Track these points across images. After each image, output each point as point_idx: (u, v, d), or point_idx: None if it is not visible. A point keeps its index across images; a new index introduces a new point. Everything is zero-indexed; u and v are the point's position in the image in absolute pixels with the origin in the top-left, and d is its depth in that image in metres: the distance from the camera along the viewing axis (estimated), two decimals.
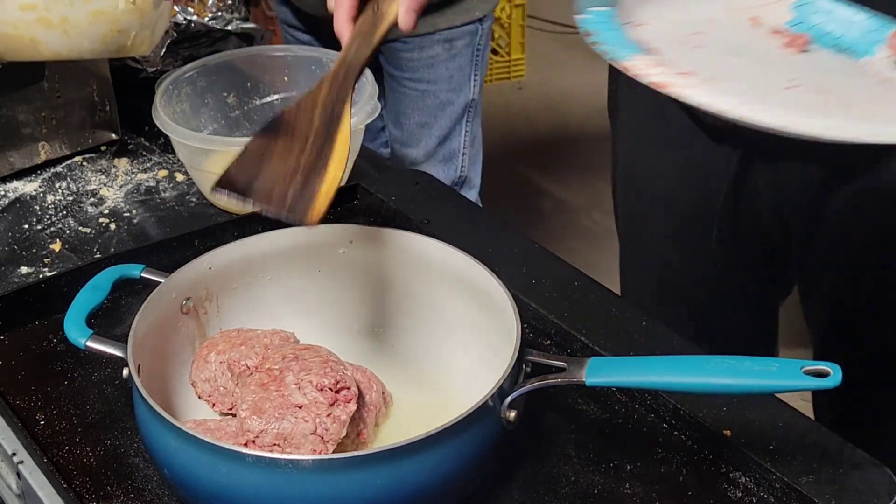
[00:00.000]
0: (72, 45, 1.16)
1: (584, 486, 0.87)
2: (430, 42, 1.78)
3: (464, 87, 1.84)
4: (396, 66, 1.82)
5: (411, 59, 1.79)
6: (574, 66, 3.87)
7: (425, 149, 1.87)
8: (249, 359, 0.91)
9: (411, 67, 1.81)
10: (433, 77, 1.81)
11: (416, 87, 1.82)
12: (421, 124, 1.85)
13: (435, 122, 1.85)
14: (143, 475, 0.88)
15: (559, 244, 2.89)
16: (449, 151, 1.88)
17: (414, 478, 0.76)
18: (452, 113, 1.85)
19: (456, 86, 1.83)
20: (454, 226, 1.17)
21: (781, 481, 0.85)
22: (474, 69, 1.84)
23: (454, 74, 1.82)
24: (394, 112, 1.87)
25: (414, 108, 1.84)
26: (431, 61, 1.79)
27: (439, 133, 1.86)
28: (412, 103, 1.84)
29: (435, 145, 1.87)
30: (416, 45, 1.78)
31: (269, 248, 0.99)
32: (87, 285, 0.93)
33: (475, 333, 0.95)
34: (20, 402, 0.95)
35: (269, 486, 0.75)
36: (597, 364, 0.82)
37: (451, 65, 1.81)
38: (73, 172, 1.39)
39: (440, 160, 1.88)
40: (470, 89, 1.85)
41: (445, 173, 1.89)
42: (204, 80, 1.38)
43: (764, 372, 0.76)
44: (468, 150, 1.90)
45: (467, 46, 1.81)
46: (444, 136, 1.86)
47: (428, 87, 1.82)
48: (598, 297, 1.07)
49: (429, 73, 1.81)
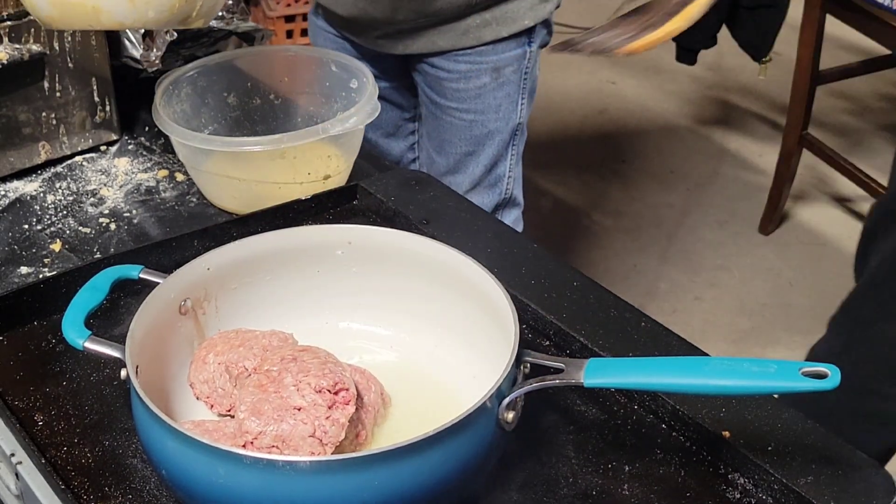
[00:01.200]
0: (137, 15, 1.07)
1: (583, 487, 0.87)
2: (476, 72, 1.66)
3: (512, 114, 1.73)
4: (441, 95, 1.70)
5: (457, 90, 1.68)
6: (573, 66, 3.87)
7: (471, 177, 1.76)
8: (248, 360, 0.91)
9: (458, 98, 1.69)
10: (481, 108, 1.69)
11: (464, 117, 1.70)
12: (467, 153, 1.74)
13: (482, 151, 1.74)
14: (141, 476, 0.88)
15: (559, 244, 2.89)
16: (495, 177, 1.78)
17: (412, 479, 0.76)
18: (501, 141, 1.74)
19: (504, 114, 1.72)
20: (453, 226, 1.17)
21: (780, 482, 0.85)
22: (522, 93, 1.73)
23: (502, 103, 1.70)
24: (437, 140, 1.75)
25: (460, 137, 1.73)
26: (479, 91, 1.68)
27: (486, 161, 1.75)
28: (458, 133, 1.72)
29: (482, 173, 1.76)
30: (463, 75, 1.66)
31: (267, 249, 0.99)
32: (86, 286, 0.93)
33: (474, 334, 0.95)
34: (19, 402, 0.95)
35: (267, 487, 0.75)
36: (595, 365, 0.82)
37: (498, 93, 1.69)
38: (73, 172, 1.39)
39: (486, 186, 1.78)
40: (518, 114, 1.74)
41: (491, 198, 1.79)
42: (204, 80, 1.38)
43: (762, 373, 0.76)
44: (514, 171, 1.80)
45: (515, 73, 1.69)
46: (492, 164, 1.76)
47: (475, 118, 1.70)
48: (598, 297, 1.07)
49: (476, 103, 1.69)
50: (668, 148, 3.39)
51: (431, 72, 1.68)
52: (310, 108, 1.41)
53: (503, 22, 1.63)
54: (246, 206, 1.26)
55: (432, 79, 1.69)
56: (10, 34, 1.28)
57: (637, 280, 2.80)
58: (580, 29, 1.16)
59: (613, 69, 3.85)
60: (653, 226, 3.01)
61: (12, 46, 1.29)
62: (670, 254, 2.91)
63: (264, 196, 1.25)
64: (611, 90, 3.73)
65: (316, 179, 1.28)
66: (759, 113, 3.55)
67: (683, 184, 3.20)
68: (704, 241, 2.95)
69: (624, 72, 3.84)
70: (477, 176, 1.76)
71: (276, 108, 1.43)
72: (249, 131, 1.42)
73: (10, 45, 1.29)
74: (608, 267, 2.83)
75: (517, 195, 1.84)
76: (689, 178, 3.23)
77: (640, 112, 3.60)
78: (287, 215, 1.19)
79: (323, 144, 1.27)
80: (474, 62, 1.65)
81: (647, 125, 3.52)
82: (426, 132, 1.79)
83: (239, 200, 1.29)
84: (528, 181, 3.15)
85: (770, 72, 3.40)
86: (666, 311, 2.65)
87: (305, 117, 1.42)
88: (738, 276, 2.81)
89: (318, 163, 1.28)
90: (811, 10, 2.60)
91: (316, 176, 1.28)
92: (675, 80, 3.74)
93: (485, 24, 1.62)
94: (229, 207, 1.30)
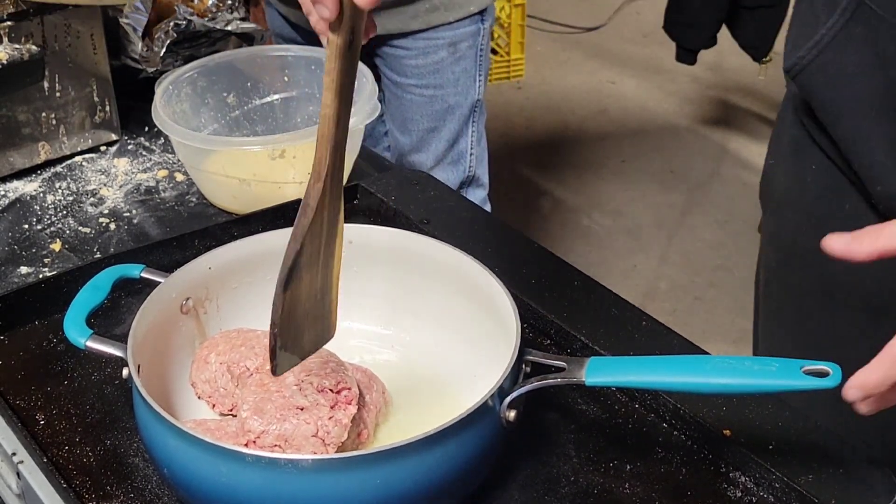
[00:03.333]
0: None
1: (584, 486, 0.87)
2: (434, 47, 1.77)
3: (470, 89, 1.83)
4: (401, 73, 1.81)
5: (416, 66, 1.79)
6: (573, 66, 3.88)
7: (435, 153, 1.86)
8: (249, 360, 0.91)
9: (417, 74, 1.80)
10: (440, 82, 1.80)
11: (423, 93, 1.81)
12: (430, 129, 1.84)
13: (444, 126, 1.84)
14: (142, 475, 0.88)
15: (559, 244, 2.89)
16: (457, 153, 1.88)
17: (414, 478, 0.76)
18: (461, 116, 1.84)
19: (463, 88, 1.82)
20: (454, 226, 1.17)
21: (781, 481, 0.85)
22: (479, 69, 1.84)
23: (460, 77, 1.81)
24: (400, 119, 1.86)
25: (422, 114, 1.83)
26: (437, 66, 1.79)
27: (448, 136, 1.85)
28: (420, 109, 1.83)
29: (444, 149, 1.86)
30: (421, 51, 1.77)
31: (268, 248, 0.99)
32: (87, 285, 0.93)
33: (475, 333, 0.95)
34: (20, 401, 0.95)
35: (269, 486, 0.75)
36: (596, 364, 0.82)
37: (456, 68, 1.80)
38: (73, 172, 1.39)
39: (449, 162, 1.88)
40: (476, 90, 1.85)
41: (454, 175, 1.89)
42: (204, 80, 1.38)
43: (763, 371, 0.76)
44: (475, 149, 1.90)
45: (471, 48, 1.80)
46: (454, 139, 1.86)
47: (435, 93, 1.81)
48: (598, 296, 1.07)
49: (435, 78, 1.80)
50: (668, 148, 3.39)
51: (390, 52, 1.79)
52: (310, 108, 1.42)
53: (451, 7, 1.75)
54: (246, 206, 1.26)
55: (391, 58, 1.80)
56: (10, 34, 1.28)
57: (637, 280, 2.80)
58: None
59: (613, 69, 3.86)
60: (653, 226, 3.02)
61: (12, 46, 1.29)
62: (670, 254, 2.91)
63: (264, 196, 1.25)
64: (611, 90, 3.73)
65: None
66: (759, 113, 3.56)
67: (683, 184, 3.20)
68: (704, 241, 2.96)
69: (624, 72, 3.84)
70: (440, 152, 1.86)
71: (276, 108, 1.43)
72: (249, 131, 1.42)
73: (10, 45, 1.29)
74: (608, 267, 2.83)
75: (481, 175, 1.95)
76: (689, 178, 3.23)
77: (640, 112, 3.60)
78: (287, 215, 1.19)
79: None
80: (430, 38, 1.77)
81: (647, 125, 3.52)
82: (390, 114, 1.88)
83: (239, 200, 1.29)
84: (529, 181, 3.16)
85: (770, 72, 3.41)
86: (666, 311, 2.66)
87: (305, 117, 1.42)
88: (738, 276, 2.81)
89: None
90: None
91: None
92: (675, 80, 3.74)
93: (433, 8, 1.74)
94: (229, 207, 1.30)
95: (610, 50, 3.99)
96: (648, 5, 4.08)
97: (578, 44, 4.03)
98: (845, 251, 0.74)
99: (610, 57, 3.94)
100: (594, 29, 4.12)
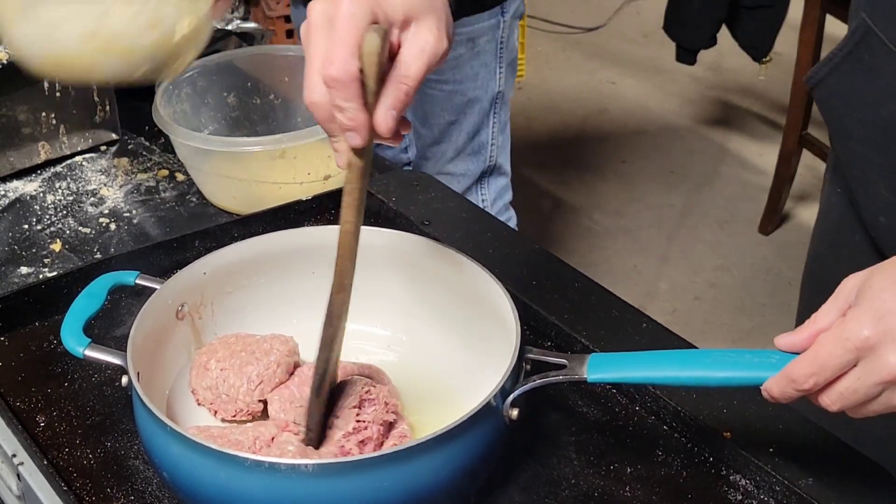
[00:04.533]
0: (129, 70, 1.07)
1: (585, 489, 0.87)
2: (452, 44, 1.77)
3: (490, 82, 1.82)
4: None
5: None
6: (573, 66, 3.87)
7: (455, 144, 1.86)
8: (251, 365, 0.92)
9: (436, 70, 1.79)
10: (459, 77, 1.79)
11: (443, 88, 1.80)
12: (450, 122, 1.84)
13: (465, 119, 1.84)
14: (143, 477, 0.88)
15: (559, 244, 2.89)
16: (478, 144, 1.88)
17: (417, 479, 0.76)
18: (481, 109, 1.84)
19: (482, 83, 1.81)
20: (455, 227, 1.17)
21: (782, 484, 0.84)
22: (499, 62, 1.82)
23: (479, 72, 1.80)
24: (421, 113, 1.85)
25: (443, 107, 1.83)
26: (456, 62, 1.77)
27: (469, 129, 1.85)
28: (440, 104, 1.82)
29: (465, 140, 1.86)
30: None
31: (263, 252, 0.99)
32: (83, 293, 0.93)
33: (474, 334, 0.95)
34: (20, 403, 0.95)
35: (271, 490, 0.74)
36: (597, 360, 0.82)
37: (475, 62, 1.79)
38: (73, 172, 1.38)
39: (469, 153, 1.88)
40: (496, 83, 1.83)
41: (475, 165, 1.89)
42: (204, 80, 1.38)
43: (764, 364, 0.76)
44: (497, 138, 1.89)
45: (490, 42, 1.79)
46: (474, 131, 1.85)
47: (455, 88, 1.80)
48: (598, 297, 1.07)
49: (454, 73, 1.79)
50: (668, 148, 3.39)
51: None
52: None
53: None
54: (246, 206, 1.26)
55: None
56: None
57: (637, 280, 2.80)
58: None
59: (613, 69, 3.85)
60: (653, 226, 3.01)
61: None
62: (670, 254, 2.91)
63: (264, 196, 1.25)
64: (611, 90, 3.73)
65: (316, 179, 1.27)
66: (759, 113, 3.55)
67: (683, 184, 3.20)
68: (704, 241, 2.95)
69: (624, 72, 3.84)
70: (461, 144, 1.86)
71: (276, 108, 1.43)
72: (249, 131, 1.42)
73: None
74: (608, 267, 2.83)
75: (503, 163, 1.93)
76: (689, 178, 3.23)
77: (640, 112, 3.59)
78: (287, 215, 1.19)
79: (323, 144, 1.27)
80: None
81: (647, 125, 3.52)
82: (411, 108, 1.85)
83: (239, 200, 1.29)
84: (529, 181, 3.16)
85: (770, 72, 3.41)
86: (666, 311, 2.65)
87: (305, 117, 1.41)
88: (738, 276, 2.81)
89: (318, 163, 1.28)
90: (811, 10, 2.60)
91: (316, 176, 1.27)
92: (675, 80, 3.74)
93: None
94: (229, 207, 1.30)
95: (610, 50, 3.99)
96: (648, 5, 4.08)
97: (578, 44, 4.03)
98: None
99: (610, 57, 3.93)
100: (594, 29, 4.11)
